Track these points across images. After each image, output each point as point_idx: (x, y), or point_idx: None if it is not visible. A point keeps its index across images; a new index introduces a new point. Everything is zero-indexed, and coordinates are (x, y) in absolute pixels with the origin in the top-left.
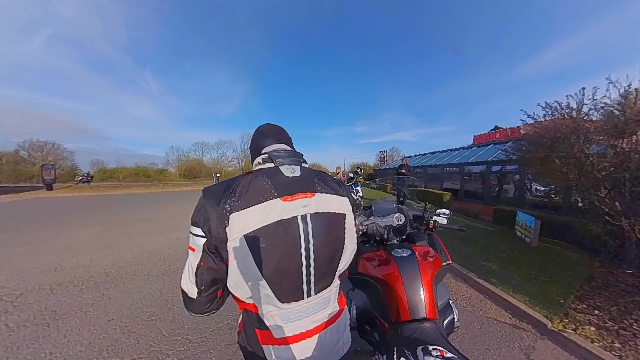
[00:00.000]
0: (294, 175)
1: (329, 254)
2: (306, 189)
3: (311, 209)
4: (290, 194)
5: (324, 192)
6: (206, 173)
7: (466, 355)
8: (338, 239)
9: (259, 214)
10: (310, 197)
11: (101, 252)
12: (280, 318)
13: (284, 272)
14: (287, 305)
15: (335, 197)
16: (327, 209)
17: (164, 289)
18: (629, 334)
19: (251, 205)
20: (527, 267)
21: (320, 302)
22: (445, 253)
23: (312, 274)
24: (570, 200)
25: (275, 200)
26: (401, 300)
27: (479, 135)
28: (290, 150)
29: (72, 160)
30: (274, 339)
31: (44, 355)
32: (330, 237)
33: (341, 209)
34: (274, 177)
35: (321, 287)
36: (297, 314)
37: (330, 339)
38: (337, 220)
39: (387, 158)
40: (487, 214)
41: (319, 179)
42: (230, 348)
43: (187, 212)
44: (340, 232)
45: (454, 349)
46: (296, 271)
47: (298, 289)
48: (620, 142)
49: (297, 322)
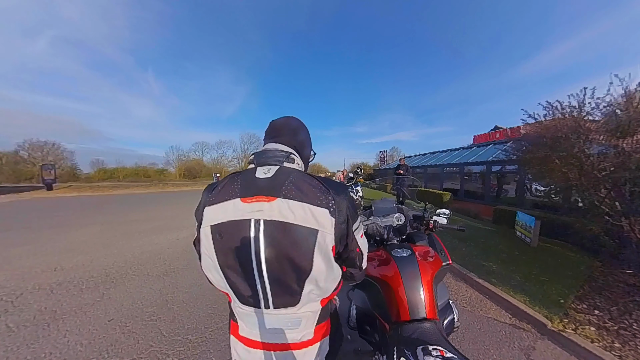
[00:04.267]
0: (264, 177)
1: (288, 269)
2: (267, 192)
3: (264, 214)
4: (250, 195)
5: (290, 199)
6: (206, 173)
7: (466, 355)
8: (302, 257)
9: (221, 211)
10: (268, 201)
11: (101, 252)
12: (245, 317)
13: (237, 272)
14: (246, 308)
15: (304, 206)
16: (286, 219)
17: (164, 289)
18: (629, 334)
19: (218, 202)
20: (527, 267)
21: (285, 320)
22: (445, 253)
23: (266, 285)
24: (570, 200)
25: (235, 200)
26: (401, 300)
27: (479, 135)
28: (275, 150)
29: (72, 160)
30: (238, 334)
31: (44, 355)
32: (288, 252)
33: (309, 222)
34: (246, 177)
35: (282, 304)
36: (260, 320)
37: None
38: (302, 233)
39: (387, 158)
40: (487, 214)
41: (292, 182)
42: (230, 348)
43: (187, 212)
44: (305, 248)
45: (454, 349)
46: (247, 275)
47: (253, 295)
48: (621, 142)
49: (259, 330)
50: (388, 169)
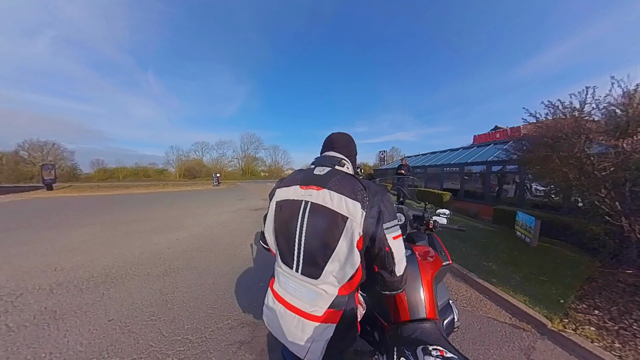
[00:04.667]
0: (319, 174)
1: (318, 244)
2: (318, 184)
3: (312, 198)
4: (306, 184)
5: (332, 190)
6: (206, 173)
7: (466, 355)
8: (330, 236)
9: (285, 192)
10: (317, 190)
11: (101, 252)
12: (280, 275)
13: (284, 236)
14: (284, 267)
15: (342, 198)
16: (326, 204)
17: (164, 289)
18: (629, 334)
19: (285, 186)
20: (527, 267)
21: (305, 289)
22: (445, 253)
23: (301, 252)
24: (570, 200)
25: (296, 186)
26: (401, 300)
27: (479, 135)
28: (330, 156)
29: (72, 160)
30: (272, 287)
31: (44, 355)
32: (322, 229)
33: (342, 210)
34: (307, 172)
35: (307, 272)
36: (289, 282)
37: (301, 332)
38: (335, 217)
39: (387, 158)
40: (487, 214)
41: (338, 179)
42: (230, 348)
43: (187, 213)
44: (335, 230)
45: (454, 349)
46: (290, 239)
47: (290, 256)
48: (622, 142)
49: (286, 290)
50: (388, 169)
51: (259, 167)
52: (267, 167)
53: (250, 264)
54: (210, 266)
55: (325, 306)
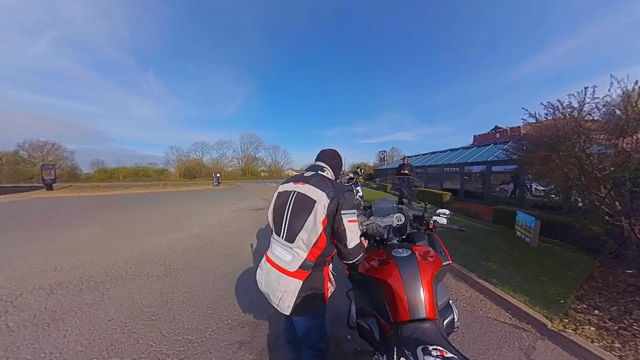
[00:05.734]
0: (307, 175)
1: (297, 218)
2: (304, 181)
3: (298, 189)
4: (296, 181)
5: (311, 185)
6: (206, 173)
7: (466, 355)
8: (304, 212)
9: (284, 186)
10: (302, 184)
11: (101, 252)
12: (272, 243)
13: (278, 214)
14: (275, 236)
15: (315, 190)
16: (305, 193)
17: (164, 289)
18: (629, 334)
19: (285, 183)
20: (527, 267)
21: (285, 251)
22: (445, 253)
23: (286, 223)
24: (570, 200)
25: (291, 183)
26: (401, 300)
27: (479, 135)
28: (316, 165)
29: (72, 160)
30: (266, 254)
31: (44, 355)
32: (300, 208)
33: (314, 196)
34: (299, 175)
35: (288, 238)
36: (277, 248)
37: (277, 284)
38: (308, 201)
39: (387, 158)
40: (487, 214)
41: (316, 179)
42: (230, 348)
43: (187, 213)
44: (307, 208)
45: (454, 349)
46: (281, 215)
47: (280, 227)
48: (621, 141)
49: (273, 253)
50: (388, 169)
51: (259, 167)
52: (267, 167)
53: (250, 264)
54: (210, 266)
55: (297, 265)
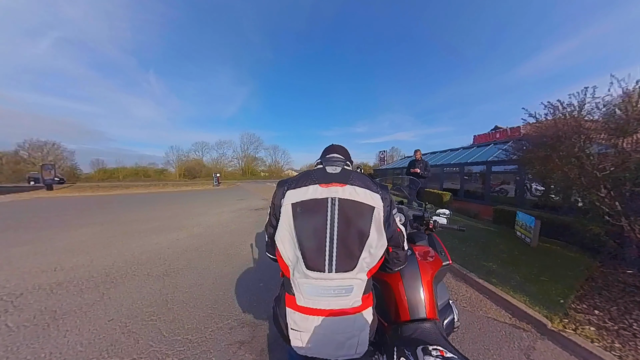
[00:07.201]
0: (334, 172)
1: (352, 236)
2: (340, 180)
3: (339, 194)
4: (326, 182)
5: (355, 185)
6: (206, 173)
7: (466, 355)
8: (364, 225)
9: (302, 193)
10: (341, 186)
11: (101, 252)
12: (305, 287)
13: (310, 238)
14: (312, 273)
15: (365, 191)
16: (353, 197)
17: (164, 289)
18: (629, 334)
19: (299, 186)
20: (527, 267)
21: (341, 287)
22: (445, 253)
23: (334, 250)
24: (570, 200)
25: (315, 185)
26: (401, 300)
27: (479, 135)
28: (337, 158)
29: (72, 160)
30: (296, 305)
31: (44, 355)
32: (355, 220)
33: (369, 201)
34: (320, 172)
35: (342, 268)
36: (319, 289)
37: (344, 330)
38: (364, 208)
39: (387, 158)
40: (487, 214)
41: (354, 175)
42: (230, 348)
43: (187, 213)
44: (366, 219)
45: (454, 349)
46: (320, 240)
47: (321, 257)
48: (621, 141)
49: (318, 298)
50: (388, 169)
51: (259, 167)
52: (267, 167)
53: (250, 264)
54: (210, 266)
55: (361, 293)
